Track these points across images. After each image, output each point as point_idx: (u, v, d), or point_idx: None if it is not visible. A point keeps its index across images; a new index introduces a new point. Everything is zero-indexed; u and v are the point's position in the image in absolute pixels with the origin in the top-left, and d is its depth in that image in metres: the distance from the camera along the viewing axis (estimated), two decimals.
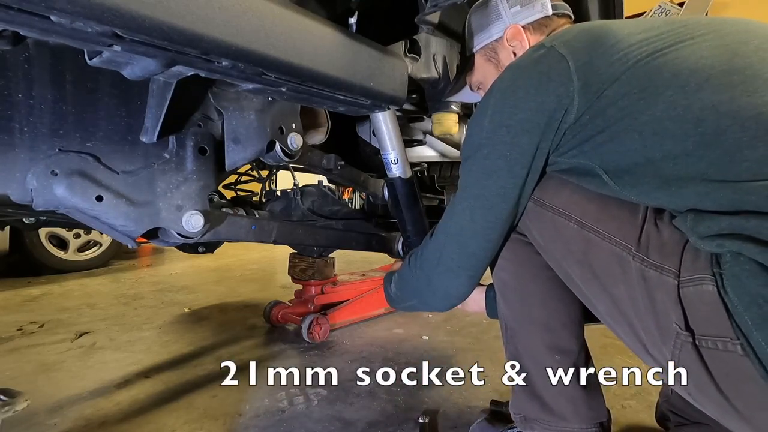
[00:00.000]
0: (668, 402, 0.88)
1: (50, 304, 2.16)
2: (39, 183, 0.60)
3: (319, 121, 1.04)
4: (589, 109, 0.59)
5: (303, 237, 1.03)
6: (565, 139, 0.62)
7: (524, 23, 0.79)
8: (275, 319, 1.75)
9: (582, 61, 0.60)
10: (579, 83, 0.59)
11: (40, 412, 1.07)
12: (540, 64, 0.63)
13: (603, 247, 0.59)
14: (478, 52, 0.86)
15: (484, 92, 0.87)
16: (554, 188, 0.66)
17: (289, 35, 0.61)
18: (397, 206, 1.08)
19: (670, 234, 0.55)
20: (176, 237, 0.74)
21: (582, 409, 0.73)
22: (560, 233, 0.64)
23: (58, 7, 0.40)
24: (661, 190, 0.55)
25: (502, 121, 0.64)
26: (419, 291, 0.78)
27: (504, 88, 0.66)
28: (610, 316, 0.62)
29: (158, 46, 0.49)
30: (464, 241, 0.69)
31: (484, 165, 0.66)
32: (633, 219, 0.58)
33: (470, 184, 0.68)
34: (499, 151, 0.64)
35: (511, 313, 0.77)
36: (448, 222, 0.71)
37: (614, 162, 0.58)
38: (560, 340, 0.73)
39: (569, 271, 0.65)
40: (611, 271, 0.58)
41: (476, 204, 0.67)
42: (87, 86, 0.63)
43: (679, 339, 0.52)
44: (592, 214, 0.61)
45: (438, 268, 0.72)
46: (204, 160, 0.75)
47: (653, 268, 0.54)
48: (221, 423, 1.03)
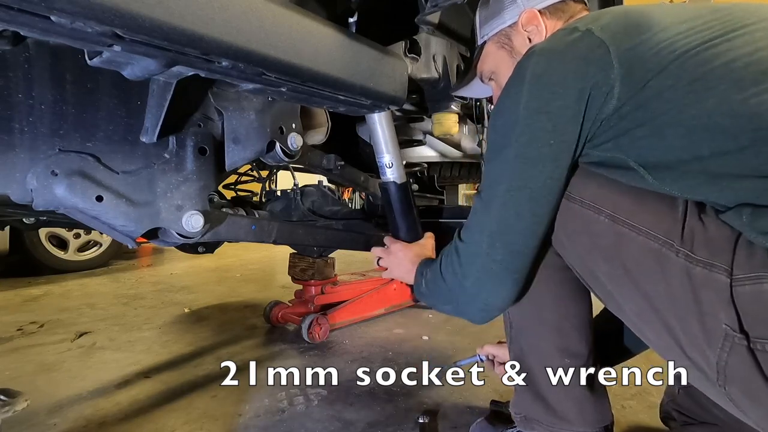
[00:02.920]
0: (674, 401, 0.87)
1: (50, 304, 2.16)
2: (39, 183, 0.60)
3: (319, 121, 1.04)
4: (631, 99, 0.55)
5: (303, 237, 1.03)
6: (601, 129, 0.58)
7: (540, 7, 0.74)
8: (275, 319, 1.75)
9: (624, 48, 0.56)
10: (621, 70, 0.55)
11: (40, 412, 1.07)
12: (576, 49, 0.59)
13: (638, 243, 0.55)
14: (490, 40, 0.81)
15: (497, 82, 0.83)
16: (581, 179, 0.62)
17: (289, 35, 0.61)
18: (390, 212, 1.02)
19: (717, 229, 0.51)
20: (176, 237, 0.74)
21: (588, 413, 0.71)
22: (587, 227, 0.60)
23: (58, 7, 0.40)
24: (709, 186, 0.51)
25: (540, 107, 0.59)
26: (453, 298, 0.70)
27: (539, 73, 0.60)
28: (640, 316, 0.58)
29: (158, 46, 0.49)
30: (510, 240, 0.62)
31: (526, 154, 0.60)
32: (672, 213, 0.54)
33: (510, 175, 0.61)
34: (541, 139, 0.59)
35: (518, 311, 0.74)
36: (485, 219, 0.64)
37: (654, 157, 0.54)
38: (571, 343, 0.71)
39: (594, 268, 0.61)
40: (647, 268, 0.54)
41: (521, 197, 0.61)
42: (87, 86, 0.63)
43: (728, 341, 0.48)
44: (625, 207, 0.57)
45: (478, 273, 0.65)
46: (204, 160, 0.75)
47: (700, 265, 0.50)
48: (221, 423, 1.03)
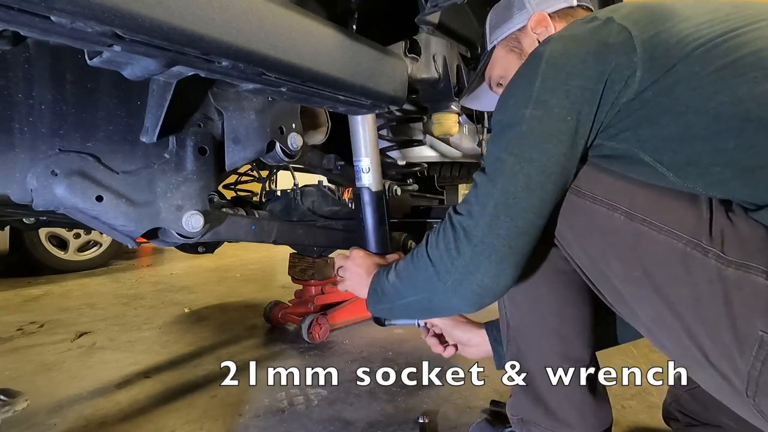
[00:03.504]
0: (677, 402, 0.86)
1: (50, 304, 2.16)
2: (39, 183, 0.60)
3: (319, 121, 1.04)
4: (654, 84, 0.51)
5: (303, 237, 1.03)
6: (619, 117, 0.54)
7: (550, 11, 0.74)
8: (275, 319, 1.75)
9: (648, 34, 0.53)
10: (645, 55, 0.52)
11: (40, 412, 1.07)
12: (597, 34, 0.56)
13: (659, 242, 0.51)
14: (499, 44, 0.81)
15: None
16: (591, 174, 0.58)
17: (290, 35, 0.61)
18: (361, 220, 0.96)
19: (750, 228, 0.48)
20: (176, 237, 0.74)
21: (589, 417, 0.70)
22: (599, 225, 0.56)
23: (58, 7, 0.40)
24: (739, 180, 0.48)
25: (556, 86, 0.55)
26: (439, 284, 0.60)
27: (556, 55, 0.56)
28: (656, 322, 0.54)
29: (158, 46, 0.49)
30: (517, 214, 0.56)
31: (541, 128, 0.55)
32: (696, 210, 0.50)
33: (521, 147, 0.56)
34: (558, 115, 0.55)
35: (517, 313, 0.72)
36: (490, 190, 0.57)
37: (672, 151, 0.51)
38: (572, 348, 0.70)
39: (605, 270, 0.57)
40: (669, 270, 0.51)
41: (533, 170, 0.55)
42: (87, 86, 0.63)
43: (764, 349, 0.45)
44: (643, 204, 0.53)
45: (476, 248, 0.57)
46: (204, 160, 0.75)
47: (733, 266, 0.47)
48: (221, 423, 1.03)
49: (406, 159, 1.58)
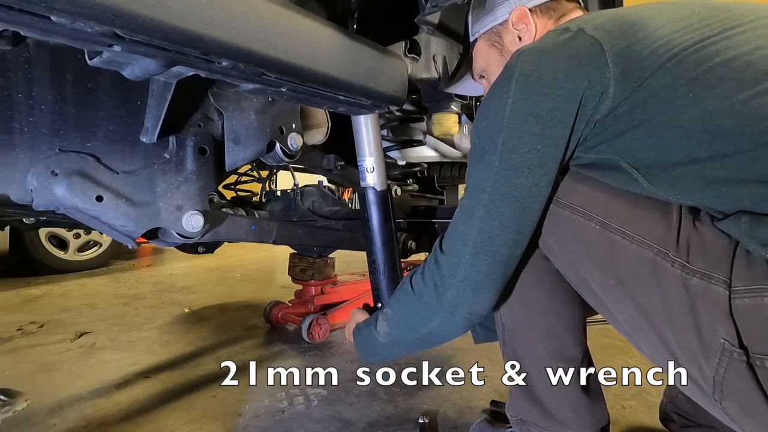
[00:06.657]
0: (673, 404, 0.87)
1: (50, 304, 2.16)
2: (39, 183, 0.60)
3: (319, 121, 1.04)
4: (627, 99, 0.52)
5: (303, 237, 1.03)
6: (595, 131, 0.55)
7: (531, 5, 0.73)
8: (275, 319, 1.75)
9: (619, 47, 0.53)
10: (616, 70, 0.53)
11: (40, 412, 1.07)
12: (568, 47, 0.56)
13: (632, 251, 0.53)
14: (481, 37, 0.80)
15: (488, 81, 0.83)
16: (571, 184, 0.60)
17: (290, 35, 0.61)
18: (366, 221, 0.94)
19: (714, 238, 0.49)
20: (176, 237, 0.74)
21: (585, 416, 0.71)
22: (578, 234, 0.58)
23: (58, 7, 0.40)
24: (707, 191, 0.49)
25: (527, 109, 0.56)
26: (433, 315, 0.66)
27: (527, 73, 0.57)
28: (633, 327, 0.56)
29: (158, 46, 0.49)
30: (494, 251, 0.60)
31: (511, 160, 0.57)
32: (666, 220, 0.52)
33: (494, 183, 0.58)
34: (528, 144, 0.56)
35: (510, 315, 0.73)
36: (467, 230, 0.61)
37: (649, 160, 0.52)
38: (564, 347, 0.70)
39: (585, 277, 0.59)
40: (641, 278, 0.52)
41: (505, 206, 0.58)
42: (87, 86, 0.63)
43: (725, 356, 0.47)
44: (618, 214, 0.55)
45: (461, 284, 0.62)
46: (204, 160, 0.75)
47: (697, 276, 0.48)
48: (221, 423, 1.03)
49: (406, 159, 1.59)
